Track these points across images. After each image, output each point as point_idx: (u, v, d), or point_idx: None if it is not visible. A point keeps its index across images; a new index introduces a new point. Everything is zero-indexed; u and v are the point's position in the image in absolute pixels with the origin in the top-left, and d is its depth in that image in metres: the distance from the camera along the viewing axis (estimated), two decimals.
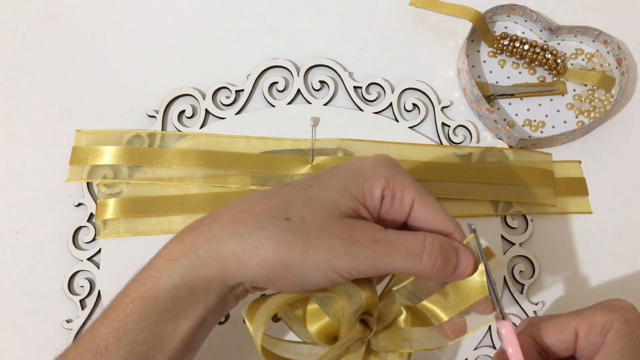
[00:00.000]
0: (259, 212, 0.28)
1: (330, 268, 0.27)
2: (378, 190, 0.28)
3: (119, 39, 0.50)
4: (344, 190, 0.28)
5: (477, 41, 0.50)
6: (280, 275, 0.27)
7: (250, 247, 0.27)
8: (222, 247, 0.27)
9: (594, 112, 0.48)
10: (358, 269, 0.27)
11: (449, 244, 0.28)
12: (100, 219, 0.43)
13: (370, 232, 0.27)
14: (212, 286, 0.28)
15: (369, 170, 0.29)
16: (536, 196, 0.44)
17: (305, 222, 0.27)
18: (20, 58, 0.49)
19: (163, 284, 0.27)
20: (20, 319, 0.42)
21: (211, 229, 0.28)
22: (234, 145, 0.45)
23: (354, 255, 0.26)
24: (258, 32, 0.50)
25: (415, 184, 0.29)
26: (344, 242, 0.27)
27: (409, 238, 0.28)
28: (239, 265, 0.27)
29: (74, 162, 0.45)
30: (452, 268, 0.28)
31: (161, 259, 0.28)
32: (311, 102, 0.47)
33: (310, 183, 0.29)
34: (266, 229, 0.27)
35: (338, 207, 0.28)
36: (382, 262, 0.27)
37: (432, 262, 0.27)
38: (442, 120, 0.47)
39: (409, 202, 0.29)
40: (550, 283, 0.43)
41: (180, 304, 0.27)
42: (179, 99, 0.47)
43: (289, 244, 0.27)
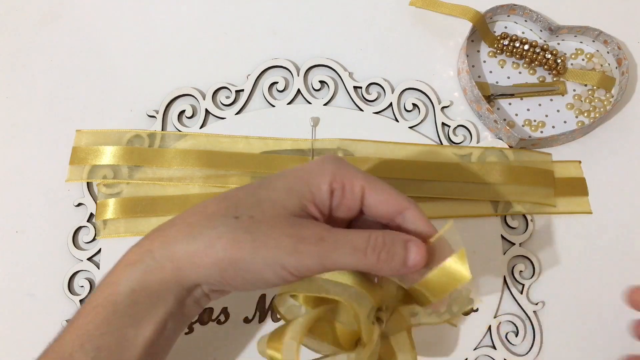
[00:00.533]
0: (210, 213, 0.29)
1: (279, 265, 0.28)
2: (325, 185, 0.30)
3: (119, 39, 0.50)
4: (290, 190, 0.29)
5: (477, 41, 0.50)
6: (232, 273, 0.28)
7: (202, 246, 0.28)
8: (176, 249, 0.28)
9: (594, 112, 0.48)
10: (306, 266, 0.28)
11: (397, 238, 0.29)
12: (100, 219, 0.43)
13: (317, 230, 0.28)
14: (169, 288, 0.28)
15: (314, 168, 0.30)
16: (536, 196, 0.44)
17: (254, 220, 0.28)
18: (20, 58, 0.49)
19: (121, 289, 0.28)
20: (20, 319, 0.42)
21: (166, 232, 0.29)
22: (234, 145, 0.45)
23: (301, 252, 0.27)
24: (258, 32, 0.50)
25: (363, 172, 0.31)
26: (291, 240, 0.28)
27: (355, 235, 0.29)
28: (193, 264, 0.28)
29: (74, 162, 0.45)
30: (400, 260, 0.29)
31: (120, 265, 0.29)
32: (311, 102, 0.47)
33: (259, 184, 0.30)
34: (216, 228, 0.28)
35: (286, 207, 0.29)
36: (329, 258, 0.28)
37: (376, 255, 0.28)
38: (442, 120, 0.47)
39: (359, 190, 0.30)
40: (550, 283, 0.43)
41: (139, 309, 0.28)
42: (179, 99, 0.47)
43: (239, 241, 0.28)
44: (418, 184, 0.44)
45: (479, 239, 0.44)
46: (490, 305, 0.42)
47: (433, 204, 0.44)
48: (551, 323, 0.42)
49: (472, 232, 0.44)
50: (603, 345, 0.42)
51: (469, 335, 0.42)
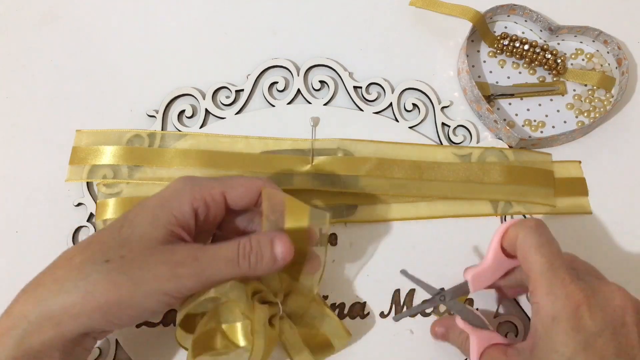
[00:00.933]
0: (78, 263, 0.29)
1: (161, 293, 0.29)
2: (187, 206, 0.31)
3: (118, 39, 0.50)
4: (154, 221, 0.30)
5: (477, 41, 0.50)
6: (117, 314, 0.28)
7: (79, 298, 0.28)
8: (50, 307, 0.28)
9: (594, 112, 0.48)
10: (187, 287, 0.29)
11: (262, 239, 0.31)
12: (100, 219, 0.43)
13: (190, 252, 0.30)
14: (52, 346, 0.28)
15: (171, 193, 0.32)
16: (536, 196, 0.44)
17: (125, 259, 0.29)
18: (20, 58, 0.49)
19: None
20: None
21: (36, 294, 0.29)
22: (234, 145, 0.45)
23: (179, 275, 0.29)
24: (258, 32, 0.50)
25: (217, 179, 0.33)
26: (167, 267, 0.29)
27: (226, 247, 0.31)
28: (72, 317, 0.28)
29: (74, 162, 0.45)
30: (270, 258, 0.31)
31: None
32: (311, 102, 0.47)
33: (121, 224, 0.31)
34: (89, 277, 0.28)
35: (152, 239, 0.30)
36: (205, 275, 0.29)
37: (247, 262, 0.31)
38: (442, 120, 0.47)
39: (219, 197, 0.32)
40: None
41: None
42: (179, 98, 0.47)
43: (115, 283, 0.28)
44: (418, 184, 0.44)
45: (479, 239, 0.44)
46: (490, 305, 0.42)
47: (433, 204, 0.44)
48: None
49: (472, 232, 0.44)
50: None
51: None
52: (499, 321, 0.42)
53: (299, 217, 0.33)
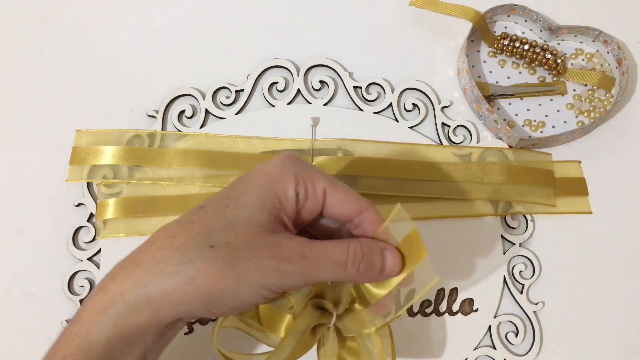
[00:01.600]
0: (181, 245, 0.28)
1: (263, 287, 0.27)
2: (291, 191, 0.29)
3: (119, 39, 0.50)
4: (260, 205, 0.29)
5: (477, 41, 0.50)
6: (217, 303, 0.27)
7: (180, 284, 0.27)
8: (151, 291, 0.27)
9: (594, 112, 0.48)
10: (289, 284, 0.28)
11: (374, 247, 0.30)
12: (100, 219, 0.43)
13: (297, 248, 0.28)
14: (147, 329, 0.27)
15: (277, 174, 0.30)
16: (536, 196, 0.44)
17: (230, 246, 0.27)
18: (20, 58, 0.49)
19: (94, 337, 0.27)
20: (20, 319, 0.42)
21: (134, 273, 0.28)
22: (234, 145, 0.45)
23: (283, 272, 0.27)
24: (258, 32, 0.50)
25: (323, 173, 0.31)
26: (273, 261, 0.27)
27: (335, 248, 0.29)
28: (172, 303, 0.27)
29: (74, 162, 0.45)
30: (378, 269, 0.29)
31: (88, 312, 0.28)
32: (311, 102, 0.47)
33: (225, 203, 0.29)
34: (192, 262, 0.27)
35: (259, 224, 0.28)
36: (310, 275, 0.28)
37: (356, 268, 0.29)
38: (442, 120, 0.47)
39: (321, 191, 0.30)
40: (550, 283, 0.43)
41: (114, 354, 0.27)
42: (179, 99, 0.47)
43: (219, 272, 0.27)
44: (418, 184, 0.44)
45: (479, 239, 0.44)
46: (490, 305, 0.42)
47: (433, 204, 0.44)
48: (551, 323, 0.42)
49: (472, 232, 0.44)
50: (603, 345, 0.42)
51: (469, 335, 0.42)
52: (499, 321, 0.42)
53: (413, 256, 0.30)
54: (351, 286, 0.32)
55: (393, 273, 0.30)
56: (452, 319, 0.42)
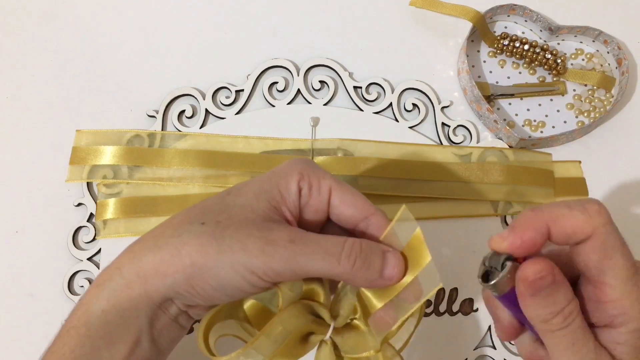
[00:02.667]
0: (177, 223, 0.28)
1: (247, 269, 0.26)
2: (294, 184, 0.29)
3: (119, 39, 0.50)
4: (259, 193, 0.28)
5: (477, 41, 0.50)
6: (200, 280, 0.27)
7: (166, 255, 0.27)
8: (143, 263, 0.27)
9: (594, 112, 0.48)
10: (274, 270, 0.26)
11: (374, 246, 0.28)
12: (100, 219, 0.43)
13: (287, 232, 0.27)
14: (139, 305, 0.27)
15: (282, 169, 0.30)
16: (536, 196, 0.44)
17: (220, 224, 0.27)
18: (20, 58, 0.49)
19: (92, 310, 0.27)
20: (20, 319, 0.42)
21: (134, 248, 0.28)
22: (234, 145, 0.45)
23: (269, 254, 0.26)
24: (258, 32, 0.50)
25: (331, 175, 0.30)
26: (258, 242, 0.26)
27: (329, 239, 0.27)
28: (158, 274, 0.27)
29: (74, 162, 0.45)
30: (377, 270, 0.27)
31: (91, 286, 0.28)
32: (311, 102, 0.47)
33: (228, 191, 0.29)
34: (181, 236, 0.27)
35: (254, 211, 0.28)
36: (298, 262, 0.26)
37: (351, 262, 0.27)
38: (442, 120, 0.47)
39: (326, 189, 0.29)
40: None
41: (111, 329, 0.27)
42: (179, 99, 0.47)
43: (203, 246, 0.27)
44: (418, 184, 0.44)
45: (479, 239, 0.44)
46: None
47: (433, 204, 0.44)
48: None
49: (472, 232, 0.44)
50: None
51: (469, 335, 0.42)
52: None
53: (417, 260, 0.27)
54: (355, 299, 0.30)
55: (394, 277, 0.27)
56: (452, 319, 0.42)
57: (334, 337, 0.29)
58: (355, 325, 0.30)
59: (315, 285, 0.29)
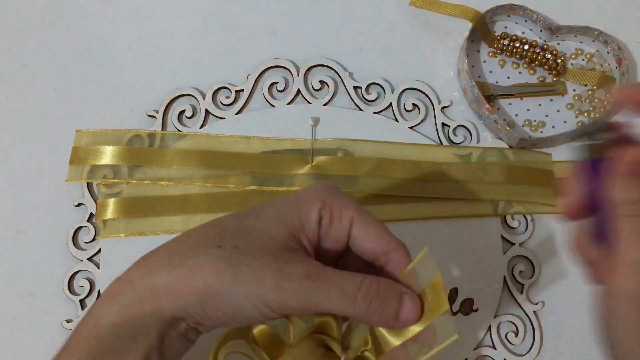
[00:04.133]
0: (193, 242, 0.28)
1: (260, 300, 0.26)
2: (315, 212, 0.28)
3: (118, 39, 0.50)
4: (279, 218, 0.28)
5: (477, 41, 0.50)
6: (212, 305, 0.27)
7: (181, 276, 0.27)
8: (156, 279, 0.27)
9: (594, 112, 0.48)
10: (288, 304, 0.26)
11: (392, 288, 0.27)
12: (100, 219, 0.43)
13: (304, 267, 0.26)
14: (149, 321, 0.27)
15: (306, 195, 0.29)
16: (536, 196, 0.44)
17: (237, 250, 0.27)
18: (20, 58, 0.49)
19: (102, 323, 0.27)
20: (20, 319, 0.42)
21: (148, 262, 0.28)
22: (234, 145, 0.45)
23: (284, 288, 0.26)
24: (258, 32, 0.50)
25: (355, 203, 0.29)
26: (275, 274, 0.26)
27: (347, 277, 0.27)
28: (171, 294, 0.27)
29: (74, 162, 0.45)
30: (393, 313, 0.27)
31: (103, 297, 0.28)
32: (311, 102, 0.47)
33: (247, 213, 0.29)
34: (197, 258, 0.27)
35: (273, 237, 0.27)
36: (313, 299, 0.26)
37: (367, 304, 0.26)
38: (442, 120, 0.47)
39: (347, 220, 0.29)
40: (550, 283, 0.43)
41: (121, 343, 0.27)
42: (179, 99, 0.47)
43: (219, 272, 0.26)
44: (418, 184, 0.44)
45: (479, 239, 0.44)
46: (490, 305, 0.42)
47: (433, 204, 0.44)
48: (551, 323, 0.42)
49: (472, 232, 0.44)
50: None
51: (469, 335, 0.42)
52: (499, 321, 0.42)
53: (434, 306, 0.27)
54: (367, 332, 0.29)
55: (409, 321, 0.27)
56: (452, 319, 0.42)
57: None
58: (365, 357, 0.30)
59: (328, 317, 0.29)
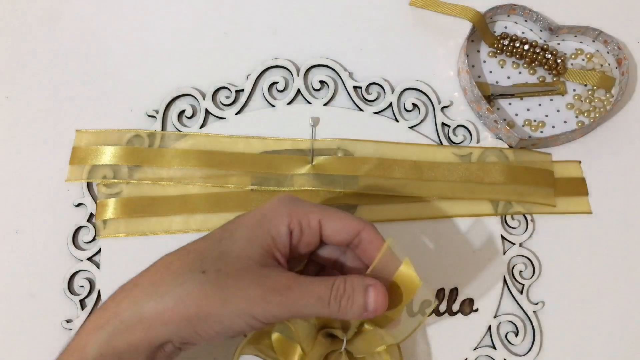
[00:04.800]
0: (175, 270, 0.30)
1: (249, 315, 0.29)
2: (283, 227, 0.31)
3: (119, 39, 0.50)
4: (252, 239, 0.30)
5: (477, 41, 0.50)
6: (205, 326, 0.29)
7: (170, 304, 0.28)
8: (144, 309, 0.29)
9: (594, 112, 0.48)
10: (274, 314, 0.29)
11: (358, 284, 0.30)
12: (100, 219, 0.43)
13: (283, 280, 0.29)
14: (139, 349, 0.29)
15: (271, 212, 0.32)
16: (536, 196, 0.44)
17: (221, 273, 0.29)
18: (20, 58, 0.49)
19: (89, 353, 0.28)
20: (20, 319, 0.42)
21: (132, 293, 0.30)
22: (234, 145, 0.45)
23: (269, 302, 0.29)
24: (258, 32, 0.50)
25: (317, 205, 0.32)
26: (259, 290, 0.29)
27: (320, 284, 0.30)
28: (162, 322, 0.28)
29: (74, 162, 0.45)
30: (361, 305, 0.30)
31: (87, 329, 0.29)
32: (311, 102, 0.47)
33: (220, 236, 0.31)
34: (184, 284, 0.29)
35: (250, 257, 0.30)
36: (295, 307, 0.29)
37: (338, 303, 0.30)
38: (442, 120, 0.47)
39: (316, 224, 0.32)
40: (550, 283, 0.43)
41: None
42: (179, 99, 0.47)
43: (208, 296, 0.28)
44: (418, 184, 0.44)
45: (479, 239, 0.44)
46: (490, 305, 0.42)
47: (433, 204, 0.44)
48: (551, 323, 0.42)
49: (472, 232, 0.44)
50: (603, 345, 0.42)
51: (469, 335, 0.42)
52: (499, 321, 0.42)
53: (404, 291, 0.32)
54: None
55: (377, 309, 0.30)
56: (452, 319, 0.42)
57: (348, 346, 0.33)
58: (364, 329, 0.34)
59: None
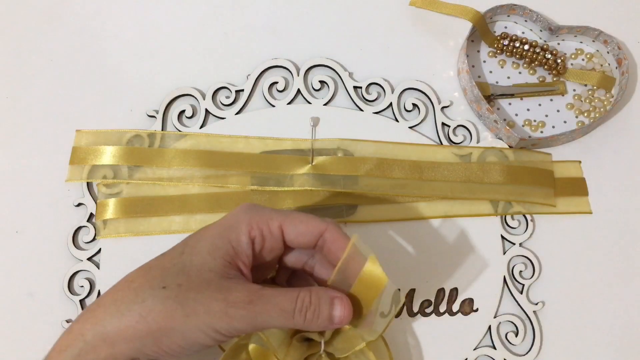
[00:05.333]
0: (136, 287, 0.30)
1: (212, 329, 0.29)
2: (244, 236, 0.31)
3: (119, 39, 0.50)
4: (214, 251, 0.30)
5: (477, 41, 0.50)
6: (168, 342, 0.29)
7: (132, 322, 0.28)
8: (107, 328, 0.29)
9: (594, 112, 0.48)
10: (237, 328, 0.29)
11: (323, 296, 0.31)
12: (100, 219, 0.43)
13: (245, 293, 0.29)
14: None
15: (231, 222, 0.31)
16: (536, 196, 0.44)
17: (182, 288, 0.29)
18: (20, 58, 0.49)
19: None
20: (20, 319, 0.42)
21: (95, 314, 0.30)
22: (234, 145, 0.45)
23: (231, 316, 0.28)
24: (258, 32, 0.50)
25: (277, 211, 0.32)
26: (221, 304, 0.28)
27: (284, 296, 0.30)
28: (125, 340, 0.28)
29: (74, 162, 0.45)
30: (326, 318, 0.30)
31: (53, 352, 0.29)
32: (311, 102, 0.47)
33: (182, 250, 0.31)
34: (145, 302, 0.29)
35: (212, 270, 0.30)
36: (258, 320, 0.29)
37: (303, 316, 0.30)
38: (442, 120, 0.47)
39: (277, 229, 0.32)
40: (550, 283, 0.43)
41: None
42: (179, 99, 0.47)
43: (169, 311, 0.28)
44: (418, 184, 0.44)
45: (479, 239, 0.44)
46: (490, 305, 0.42)
47: (433, 204, 0.44)
48: (551, 323, 0.42)
49: (472, 232, 0.44)
50: (603, 345, 0.42)
51: (469, 335, 0.42)
52: (499, 321, 0.42)
53: (372, 288, 0.32)
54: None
55: (343, 321, 0.31)
56: (452, 319, 0.42)
57: (327, 348, 0.33)
58: (341, 329, 0.33)
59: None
